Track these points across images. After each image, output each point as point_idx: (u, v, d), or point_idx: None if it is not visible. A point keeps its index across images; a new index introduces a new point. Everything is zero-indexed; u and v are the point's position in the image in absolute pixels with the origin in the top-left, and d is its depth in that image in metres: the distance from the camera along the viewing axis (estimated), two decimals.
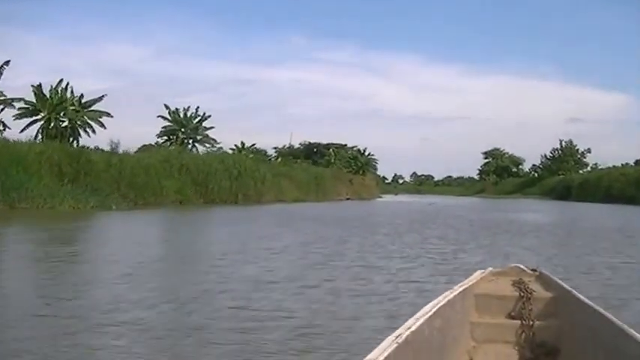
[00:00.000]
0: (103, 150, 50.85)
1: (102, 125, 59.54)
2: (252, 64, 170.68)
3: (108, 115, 60.24)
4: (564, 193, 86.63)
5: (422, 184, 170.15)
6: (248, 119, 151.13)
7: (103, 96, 59.35)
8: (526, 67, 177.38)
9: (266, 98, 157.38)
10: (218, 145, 71.45)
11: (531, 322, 4.41)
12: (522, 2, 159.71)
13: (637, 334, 3.18)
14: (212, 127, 72.04)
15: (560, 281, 4.80)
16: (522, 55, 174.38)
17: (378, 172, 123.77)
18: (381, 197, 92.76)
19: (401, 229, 25.31)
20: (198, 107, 71.37)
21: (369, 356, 2.68)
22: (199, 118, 71.50)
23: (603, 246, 19.37)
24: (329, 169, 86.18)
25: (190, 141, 71.19)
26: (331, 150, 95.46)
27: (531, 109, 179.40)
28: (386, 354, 2.74)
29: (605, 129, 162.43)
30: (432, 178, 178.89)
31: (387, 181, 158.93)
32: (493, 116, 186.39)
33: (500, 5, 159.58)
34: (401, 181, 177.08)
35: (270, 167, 67.99)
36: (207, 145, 71.83)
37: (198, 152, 65.63)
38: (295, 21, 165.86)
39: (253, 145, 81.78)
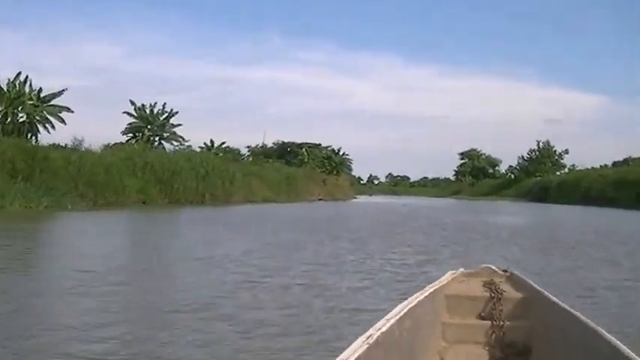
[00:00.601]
0: (63, 147, 49.13)
1: (62, 121, 57.61)
2: (229, 64, 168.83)
3: (68, 110, 58.31)
4: (541, 195, 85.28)
5: (397, 184, 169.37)
6: (225, 119, 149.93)
7: (63, 90, 57.49)
8: (504, 69, 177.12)
9: (243, 98, 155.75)
10: (187, 143, 69.69)
11: (502, 323, 4.40)
12: (500, 4, 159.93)
13: (607, 335, 3.16)
14: (180, 125, 69.85)
15: (531, 282, 4.80)
16: (500, 56, 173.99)
17: (354, 173, 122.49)
18: (355, 198, 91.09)
19: (368, 234, 23.03)
20: (165, 103, 69.36)
21: (339, 357, 2.65)
22: (166, 114, 69.42)
23: (597, 256, 17.07)
24: (302, 168, 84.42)
25: (157, 138, 69.05)
26: (304, 149, 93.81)
27: (509, 110, 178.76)
28: (356, 355, 2.72)
29: (583, 130, 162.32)
30: (408, 179, 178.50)
31: (362, 182, 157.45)
32: (470, 117, 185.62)
33: (478, 6, 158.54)
34: (376, 182, 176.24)
35: (241, 167, 66.33)
36: (175, 142, 69.67)
37: (165, 150, 63.89)
38: (272, 21, 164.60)
39: (223, 143, 79.69)
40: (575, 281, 12.47)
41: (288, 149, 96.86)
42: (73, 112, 58.49)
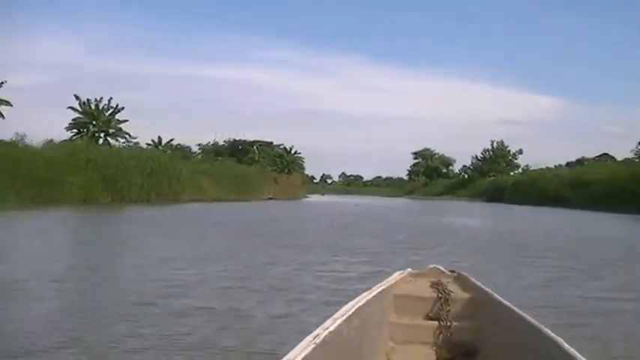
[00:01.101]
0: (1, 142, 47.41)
1: (0, 115, 55.80)
2: (188, 62, 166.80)
3: (7, 103, 56.28)
4: (496, 195, 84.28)
5: (350, 184, 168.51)
6: (181, 117, 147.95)
7: (1, 83, 55.78)
8: (459, 70, 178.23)
9: (200, 96, 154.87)
10: (134, 140, 68.05)
11: (449, 323, 4.39)
12: (458, 5, 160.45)
13: (553, 335, 3.15)
14: (126, 121, 67.12)
15: (478, 282, 4.77)
16: (456, 58, 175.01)
17: (306, 172, 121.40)
18: (307, 197, 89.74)
19: (311, 239, 20.53)
20: (110, 98, 66.36)
21: (286, 357, 2.58)
22: (112, 110, 66.68)
23: (579, 267, 14.44)
24: (253, 167, 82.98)
25: (102, 135, 66.40)
26: (255, 147, 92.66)
27: (463, 111, 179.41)
28: (303, 355, 2.64)
29: (536, 131, 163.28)
30: (361, 178, 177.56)
31: (315, 181, 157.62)
32: (425, 117, 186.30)
33: (435, 8, 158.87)
34: (330, 181, 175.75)
35: (189, 165, 65.07)
36: (121, 139, 67.17)
37: (110, 147, 61.80)
38: (234, 18, 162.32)
39: (171, 140, 78.03)
40: (553, 300, 10.11)
41: (240, 147, 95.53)
42: (12, 105, 56.75)
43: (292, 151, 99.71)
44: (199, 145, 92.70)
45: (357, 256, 15.66)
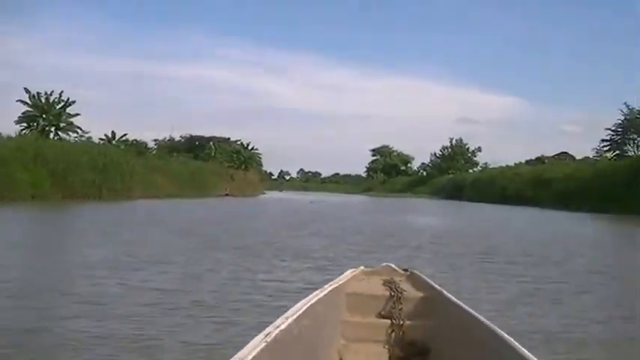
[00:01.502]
0: None
1: None
2: (146, 60, 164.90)
3: None
4: (455, 193, 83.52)
5: (309, 180, 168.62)
6: (139, 114, 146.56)
7: None
8: (419, 68, 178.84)
9: (157, 93, 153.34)
10: (87, 135, 66.00)
11: (401, 322, 4.37)
12: (417, 5, 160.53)
13: (504, 334, 3.14)
14: (77, 114, 64.65)
15: (430, 281, 4.77)
16: (416, 56, 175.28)
17: (264, 168, 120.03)
18: (264, 194, 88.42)
19: (260, 239, 18.62)
20: (62, 92, 63.81)
21: (237, 355, 2.55)
22: (63, 103, 64.34)
23: (560, 277, 12.81)
24: (209, 163, 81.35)
25: (53, 129, 64.14)
26: (212, 143, 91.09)
27: (423, 110, 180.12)
28: (254, 353, 2.62)
29: (495, 130, 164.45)
30: (320, 175, 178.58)
31: (273, 177, 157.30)
32: (384, 115, 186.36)
33: (396, 7, 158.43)
34: (288, 178, 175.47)
35: (143, 160, 63.54)
36: (73, 134, 64.68)
37: (61, 141, 59.86)
38: (192, 17, 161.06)
39: (124, 135, 76.03)
40: (539, 325, 8.32)
41: (197, 143, 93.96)
42: None
43: (249, 148, 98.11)
44: (156, 140, 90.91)
45: (307, 261, 13.95)
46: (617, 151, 50.69)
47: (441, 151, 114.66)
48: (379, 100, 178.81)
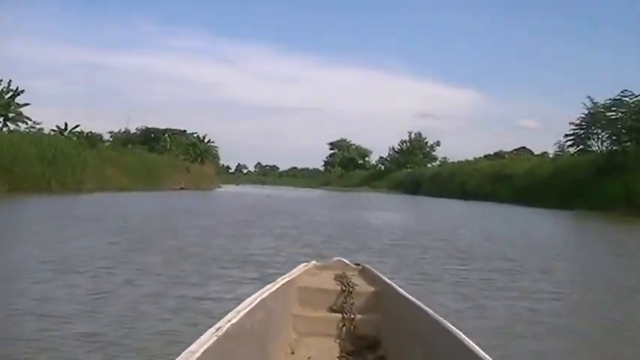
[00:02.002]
0: None
1: None
2: (99, 49, 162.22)
3: None
4: (414, 188, 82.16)
5: (266, 174, 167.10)
6: (92, 104, 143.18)
7: None
8: (377, 61, 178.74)
9: (112, 84, 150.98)
10: (38, 126, 63.49)
11: (353, 316, 4.38)
12: None
13: (453, 328, 3.12)
14: (27, 104, 61.89)
15: (382, 276, 4.76)
16: (374, 50, 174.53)
17: (222, 162, 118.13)
18: (220, 187, 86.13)
19: (198, 241, 16.14)
20: (10, 81, 60.53)
21: (188, 349, 2.52)
22: (11, 93, 60.60)
23: (550, 289, 10.80)
24: (163, 156, 79.02)
25: (1, 119, 60.68)
26: (167, 135, 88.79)
27: (382, 103, 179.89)
28: (205, 347, 2.59)
29: (454, 124, 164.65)
30: (277, 168, 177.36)
31: (230, 171, 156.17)
32: (343, 109, 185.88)
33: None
34: (245, 171, 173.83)
35: (96, 152, 61.42)
36: (22, 124, 61.67)
37: (10, 132, 57.44)
38: (145, 5, 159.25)
39: (77, 126, 73.25)
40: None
41: (152, 135, 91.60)
42: None
43: (206, 140, 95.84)
44: (110, 132, 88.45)
45: (251, 269, 11.62)
46: (581, 146, 49.72)
47: (399, 145, 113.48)
48: (337, 93, 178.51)
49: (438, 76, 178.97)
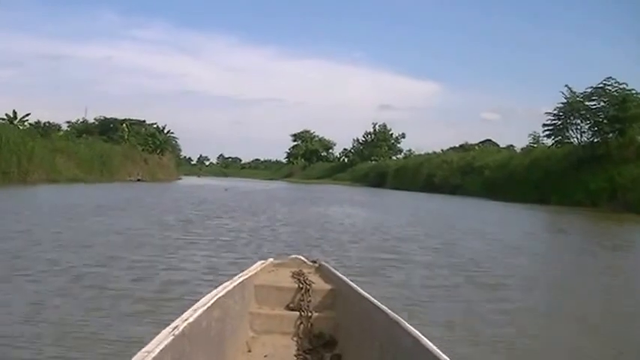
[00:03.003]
0: None
1: None
2: (60, 39, 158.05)
3: None
4: (379, 180, 79.14)
5: (228, 166, 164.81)
6: (56, 96, 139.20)
7: None
8: (339, 53, 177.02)
9: (75, 74, 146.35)
10: None
11: (310, 314, 4.32)
12: None
13: (409, 326, 3.04)
14: None
15: (338, 273, 4.66)
16: (336, 41, 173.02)
17: (183, 153, 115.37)
18: (180, 179, 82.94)
19: (104, 253, 11.69)
20: None
21: (144, 349, 2.44)
22: None
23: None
24: (119, 146, 75.21)
25: None
26: (124, 125, 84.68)
27: (344, 95, 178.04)
28: (162, 346, 2.51)
29: (415, 117, 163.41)
30: (240, 160, 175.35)
31: (192, 163, 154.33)
32: (306, 100, 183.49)
33: None
34: (207, 163, 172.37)
35: (45, 142, 57.54)
36: None
37: None
38: None
39: (27, 115, 68.57)
40: None
41: (112, 125, 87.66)
42: None
43: (165, 131, 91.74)
44: (68, 122, 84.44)
45: (173, 298, 7.46)
46: (559, 137, 46.66)
47: (363, 137, 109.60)
48: (300, 85, 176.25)
49: (399, 69, 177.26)
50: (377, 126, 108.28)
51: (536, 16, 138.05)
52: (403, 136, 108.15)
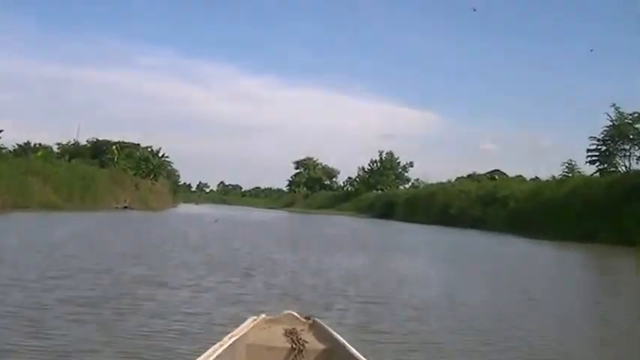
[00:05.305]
0: None
1: None
2: (64, 65, 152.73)
3: None
4: (386, 211, 70.82)
5: (228, 193, 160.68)
6: (55, 119, 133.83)
7: None
8: (341, 83, 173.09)
9: (75, 98, 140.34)
10: None
11: None
12: (339, 15, 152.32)
13: None
14: None
15: (333, 332, 4.48)
16: (338, 71, 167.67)
17: (184, 180, 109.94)
18: (175, 207, 75.45)
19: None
20: None
21: None
22: None
23: None
24: (106, 169, 66.85)
25: None
26: (114, 147, 76.96)
27: (346, 124, 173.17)
28: None
29: (417, 146, 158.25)
30: (240, 188, 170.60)
31: (192, 190, 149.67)
32: (307, 130, 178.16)
33: (318, 20, 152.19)
34: (207, 190, 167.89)
35: (19, 162, 50.40)
36: None
37: None
38: (111, 23, 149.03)
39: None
40: None
41: (104, 148, 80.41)
42: None
43: (160, 155, 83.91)
44: (58, 144, 77.50)
45: None
46: (605, 164, 39.18)
47: (369, 165, 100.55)
48: (302, 113, 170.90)
49: (400, 99, 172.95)
50: (384, 154, 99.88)
51: (534, 50, 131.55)
52: (411, 164, 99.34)
